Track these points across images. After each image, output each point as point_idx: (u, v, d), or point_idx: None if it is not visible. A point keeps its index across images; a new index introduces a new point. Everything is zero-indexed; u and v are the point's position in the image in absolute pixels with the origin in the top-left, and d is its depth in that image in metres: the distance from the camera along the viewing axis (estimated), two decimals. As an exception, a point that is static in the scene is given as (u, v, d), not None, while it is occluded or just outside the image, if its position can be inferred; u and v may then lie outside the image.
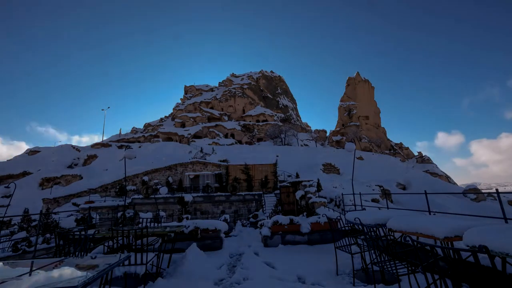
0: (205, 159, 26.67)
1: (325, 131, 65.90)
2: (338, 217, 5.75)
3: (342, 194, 11.95)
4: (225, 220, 12.10)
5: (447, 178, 44.80)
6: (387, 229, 4.14)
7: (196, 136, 51.61)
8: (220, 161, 27.17)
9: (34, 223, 13.08)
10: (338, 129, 60.96)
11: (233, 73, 77.94)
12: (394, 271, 3.35)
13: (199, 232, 7.54)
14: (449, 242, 3.23)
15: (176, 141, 49.49)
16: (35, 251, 6.84)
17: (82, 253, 3.78)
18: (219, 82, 76.60)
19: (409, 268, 3.29)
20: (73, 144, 41.25)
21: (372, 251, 4.02)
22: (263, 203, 16.87)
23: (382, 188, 21.55)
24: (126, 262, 4.24)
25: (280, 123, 57.88)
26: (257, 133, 55.90)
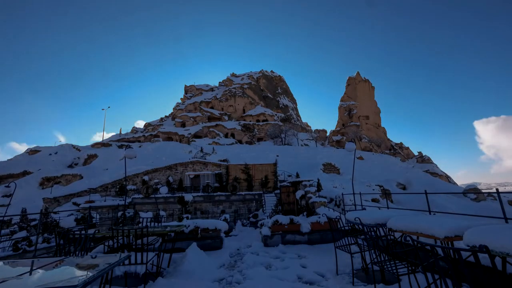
0: (205, 158, 26.68)
1: (325, 131, 65.93)
2: (338, 217, 5.75)
3: (342, 194, 11.95)
4: (225, 219, 12.10)
5: (447, 178, 44.82)
6: (387, 229, 4.14)
7: (196, 135, 51.64)
8: (220, 160, 27.17)
9: (34, 223, 13.09)
10: (338, 129, 60.97)
11: (233, 73, 78.00)
12: (394, 270, 3.35)
13: (199, 231, 7.54)
14: (449, 242, 3.23)
15: (176, 140, 49.52)
16: (36, 250, 6.85)
17: (83, 252, 3.78)
18: (219, 82, 76.65)
19: (409, 268, 3.29)
20: (73, 143, 41.25)
21: (372, 251, 4.02)
22: (263, 203, 16.87)
23: (382, 188, 21.54)
24: (126, 262, 4.24)
25: (280, 123, 57.89)
26: (257, 133, 55.91)
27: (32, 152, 37.82)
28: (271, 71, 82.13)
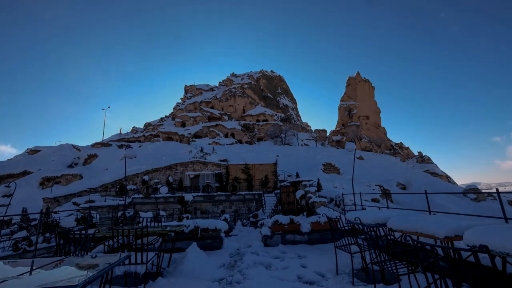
0: (205, 158, 26.67)
1: (325, 131, 65.92)
2: (338, 217, 5.75)
3: (342, 194, 11.95)
4: (225, 219, 12.10)
5: (447, 178, 44.80)
6: (387, 229, 4.14)
7: (196, 135, 51.62)
8: (220, 160, 27.17)
9: (34, 223, 13.09)
10: (338, 129, 60.95)
11: (233, 73, 77.97)
12: (394, 270, 3.35)
13: (199, 231, 7.54)
14: (449, 242, 3.23)
15: (176, 140, 49.50)
16: (36, 250, 6.85)
17: (83, 252, 3.78)
18: (220, 82, 76.60)
19: (409, 268, 3.29)
20: (74, 143, 41.23)
21: (372, 251, 4.02)
22: (263, 203, 16.87)
23: (382, 188, 21.55)
24: (127, 261, 4.25)
25: (280, 123, 57.90)
26: (257, 132, 55.88)
27: (32, 152, 37.80)
28: (271, 71, 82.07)
